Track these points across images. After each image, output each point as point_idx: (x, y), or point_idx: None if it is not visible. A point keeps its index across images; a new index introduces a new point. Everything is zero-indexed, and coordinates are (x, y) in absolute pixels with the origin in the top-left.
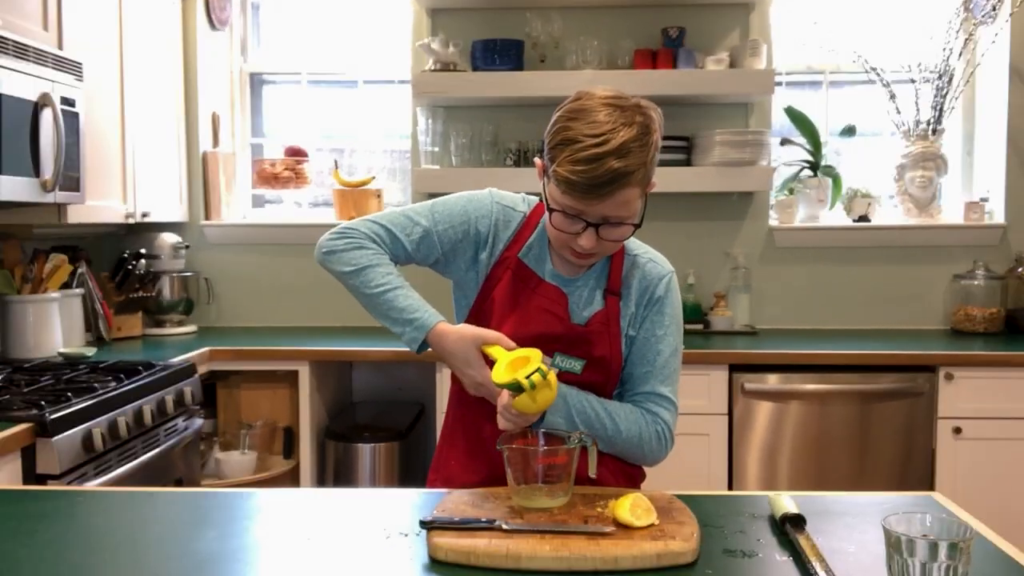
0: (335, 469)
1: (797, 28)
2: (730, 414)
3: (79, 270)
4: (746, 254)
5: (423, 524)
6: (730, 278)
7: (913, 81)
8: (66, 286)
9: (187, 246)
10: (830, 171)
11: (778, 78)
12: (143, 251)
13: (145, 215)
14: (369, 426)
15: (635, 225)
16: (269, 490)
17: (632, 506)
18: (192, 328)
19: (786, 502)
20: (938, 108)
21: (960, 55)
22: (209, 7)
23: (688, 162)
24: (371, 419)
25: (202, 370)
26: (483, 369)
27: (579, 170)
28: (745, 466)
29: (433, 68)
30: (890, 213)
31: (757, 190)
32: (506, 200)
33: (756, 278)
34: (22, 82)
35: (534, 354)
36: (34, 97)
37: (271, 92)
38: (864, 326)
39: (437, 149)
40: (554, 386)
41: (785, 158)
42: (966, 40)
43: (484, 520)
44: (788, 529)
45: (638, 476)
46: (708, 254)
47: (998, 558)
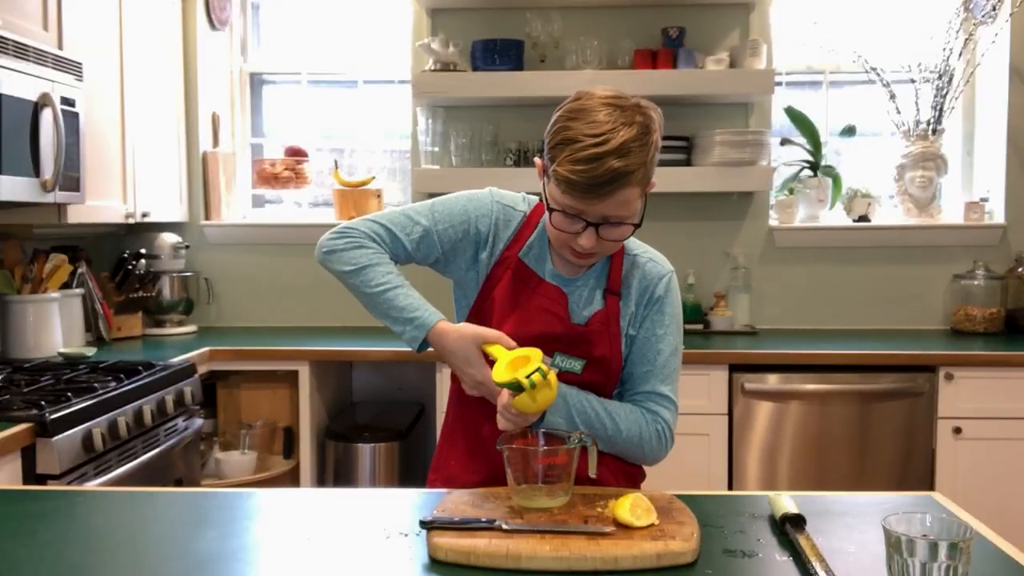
0: (335, 469)
1: (797, 28)
2: (730, 414)
3: (79, 270)
4: (746, 254)
5: (423, 524)
6: (730, 278)
7: (913, 81)
8: (66, 286)
9: (187, 246)
10: (830, 171)
11: (778, 78)
12: (143, 251)
13: (145, 215)
14: (369, 426)
15: (635, 225)
16: (269, 490)
17: (632, 506)
18: (192, 328)
19: (786, 502)
20: (938, 108)
21: (960, 55)
22: (209, 7)
23: (688, 162)
24: (371, 419)
25: (202, 370)
26: (483, 368)
27: (579, 170)
28: (745, 466)
29: (433, 68)
30: (890, 213)
31: (757, 190)
32: (506, 199)
33: (756, 278)
34: (22, 82)
35: (534, 353)
36: (34, 97)
37: (271, 92)
38: (864, 326)
39: (437, 149)
40: (554, 386)
41: (785, 158)
42: (966, 40)
43: (484, 520)
44: (788, 529)
45: (638, 476)
46: (708, 254)
47: (998, 558)
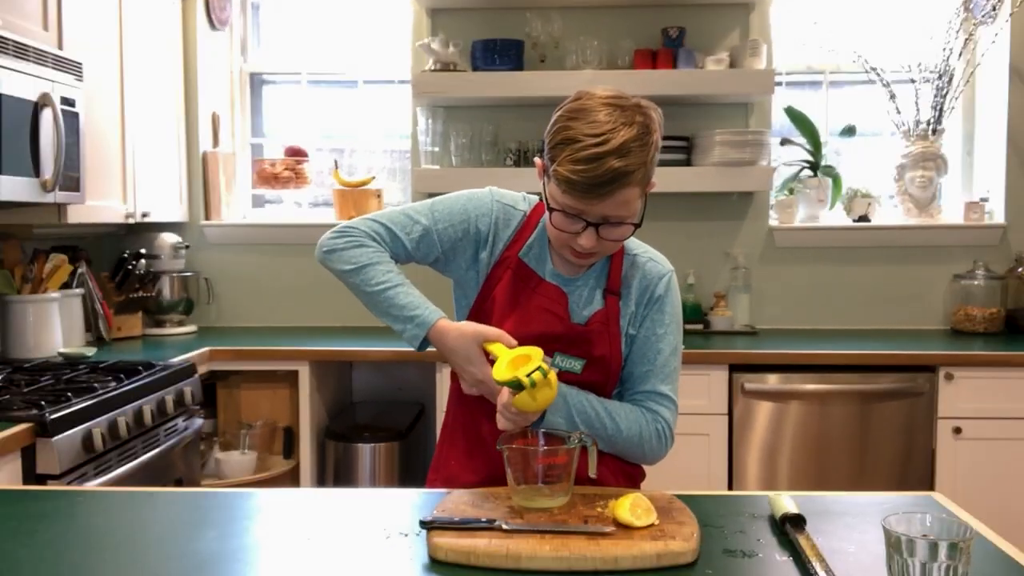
0: (335, 469)
1: (797, 28)
2: (730, 414)
3: (79, 270)
4: (746, 254)
5: (423, 524)
6: (730, 278)
7: (913, 81)
8: (66, 286)
9: (187, 246)
10: (830, 171)
11: (778, 78)
12: (143, 251)
13: (145, 215)
14: (369, 426)
15: (635, 225)
16: (269, 490)
17: (632, 506)
18: (192, 328)
19: (786, 502)
20: (938, 108)
21: (960, 55)
22: (209, 7)
23: (688, 162)
24: (371, 419)
25: (202, 370)
26: (484, 366)
27: (579, 169)
28: (745, 466)
29: (433, 68)
30: (890, 213)
31: (757, 190)
32: (506, 199)
33: (756, 278)
34: (22, 82)
35: (535, 352)
36: (34, 97)
37: (271, 92)
38: (864, 326)
39: (437, 149)
40: (554, 385)
41: (785, 158)
42: (966, 40)
43: (484, 520)
44: (788, 529)
45: (638, 476)
46: (708, 254)
47: (998, 558)
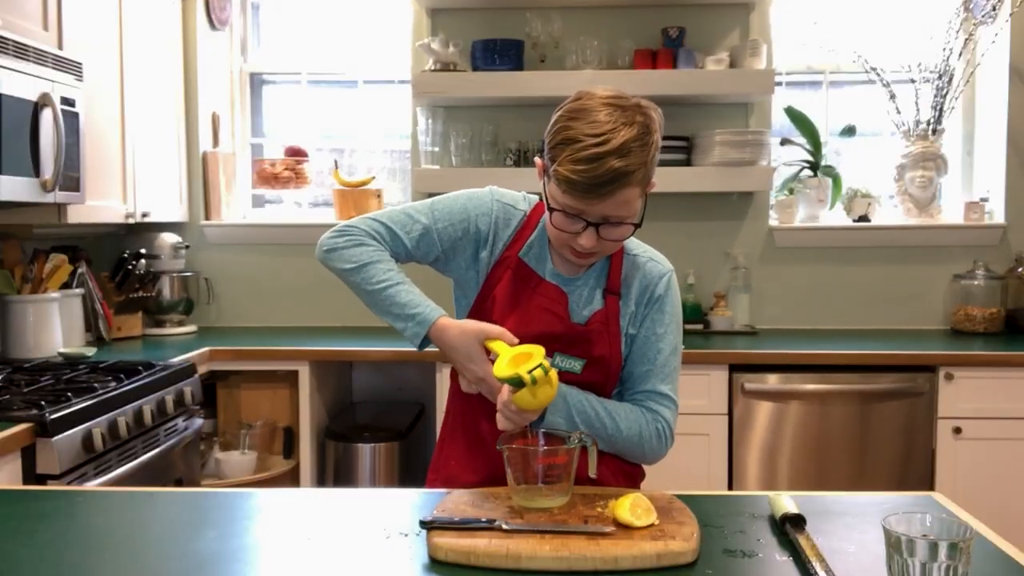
0: (335, 469)
1: (797, 28)
2: (730, 414)
3: (79, 270)
4: (746, 254)
5: (423, 524)
6: (730, 278)
7: (913, 81)
8: (66, 286)
9: (187, 246)
10: (830, 171)
11: (778, 78)
12: (143, 251)
13: (145, 215)
14: (369, 426)
15: (635, 225)
16: (269, 490)
17: (632, 506)
18: (192, 328)
19: (786, 502)
20: (938, 108)
21: (960, 55)
22: (209, 7)
23: (688, 162)
24: (371, 419)
25: (202, 370)
26: (485, 364)
27: (580, 169)
28: (745, 466)
29: (433, 68)
30: (890, 213)
31: (757, 190)
32: (506, 198)
33: (756, 278)
34: (22, 82)
35: (537, 350)
36: (34, 97)
37: (271, 92)
38: (864, 326)
39: (437, 149)
40: (555, 383)
41: (785, 158)
42: (966, 40)
43: (484, 520)
44: (788, 529)
45: (638, 476)
46: (708, 254)
47: (998, 558)
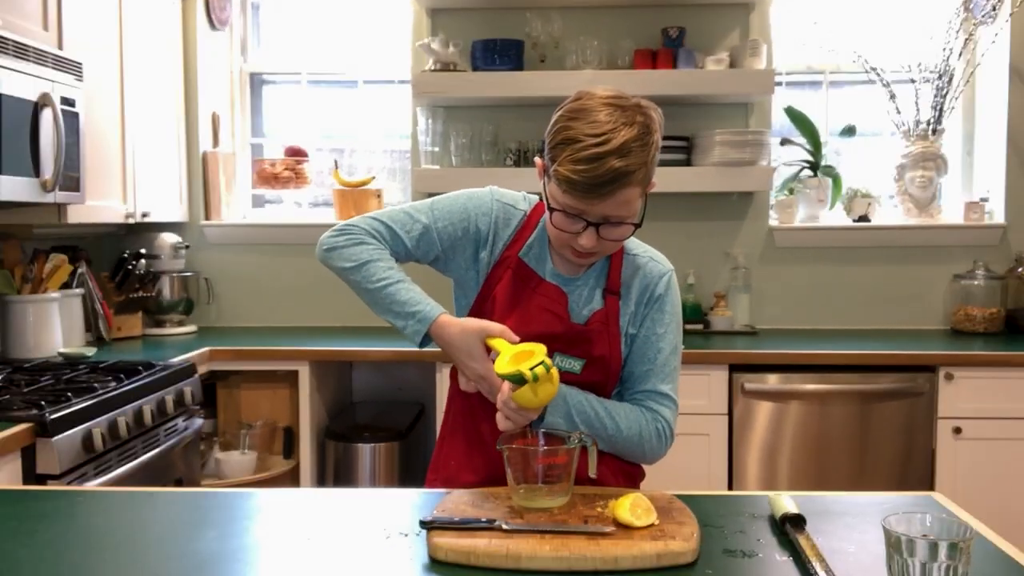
0: (335, 469)
1: (797, 28)
2: (730, 414)
3: (79, 270)
4: (746, 254)
5: (423, 524)
6: (730, 278)
7: (913, 81)
8: (66, 286)
9: (187, 246)
10: (830, 171)
11: (778, 78)
12: (143, 251)
13: (145, 215)
14: (369, 426)
15: (635, 225)
16: (269, 490)
17: (632, 506)
18: (192, 328)
19: (786, 502)
20: (938, 108)
21: (960, 55)
22: (209, 7)
23: (688, 162)
24: (371, 419)
25: (202, 370)
26: (485, 362)
27: (580, 169)
28: (745, 466)
29: (433, 68)
30: (890, 213)
31: (757, 190)
32: (506, 198)
33: (756, 278)
34: (22, 82)
35: (539, 348)
36: (34, 97)
37: (271, 92)
38: (864, 326)
39: (437, 149)
40: (556, 381)
41: (785, 158)
42: (966, 40)
43: (484, 520)
44: (788, 529)
45: (638, 475)
46: (708, 254)
47: (998, 558)
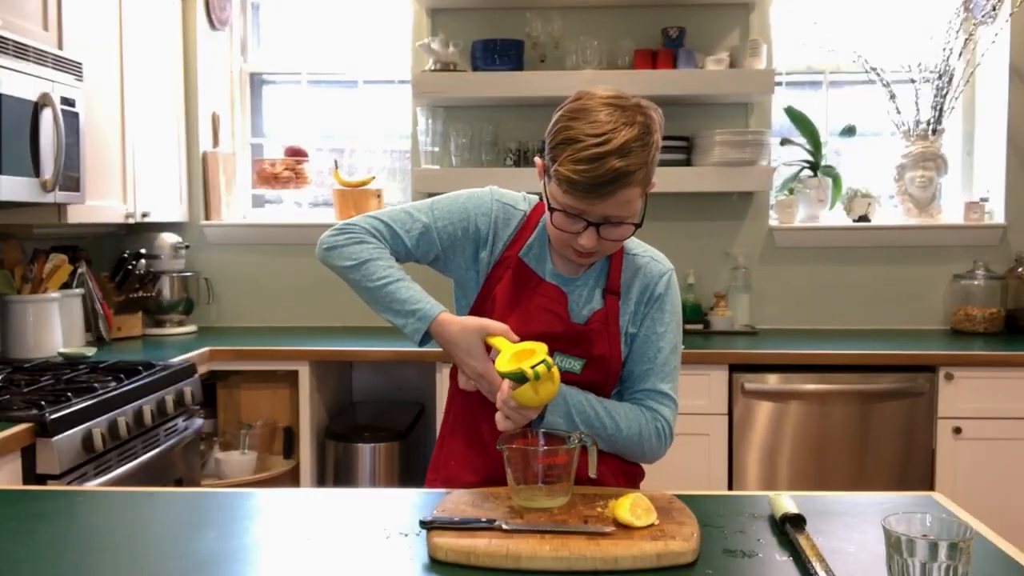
0: (335, 469)
1: (797, 28)
2: (730, 414)
3: (79, 270)
4: (746, 254)
5: (423, 524)
6: (730, 278)
7: (913, 81)
8: (66, 286)
9: (187, 246)
10: (830, 171)
11: (778, 78)
12: (143, 251)
13: (145, 215)
14: (369, 426)
15: (636, 224)
16: (269, 490)
17: (632, 506)
18: (192, 328)
19: (786, 502)
20: (938, 108)
21: (960, 55)
22: (209, 7)
23: (688, 162)
24: (371, 419)
25: (202, 370)
26: (485, 360)
27: (581, 169)
28: (745, 466)
29: (433, 68)
30: (890, 213)
31: (757, 190)
32: (506, 198)
33: (756, 278)
34: (22, 82)
35: (539, 347)
36: (34, 97)
37: (271, 92)
38: (864, 326)
39: (437, 149)
40: (557, 380)
41: (785, 158)
42: (966, 40)
43: (484, 520)
44: (788, 529)
45: (638, 475)
46: (708, 254)
47: (998, 558)
